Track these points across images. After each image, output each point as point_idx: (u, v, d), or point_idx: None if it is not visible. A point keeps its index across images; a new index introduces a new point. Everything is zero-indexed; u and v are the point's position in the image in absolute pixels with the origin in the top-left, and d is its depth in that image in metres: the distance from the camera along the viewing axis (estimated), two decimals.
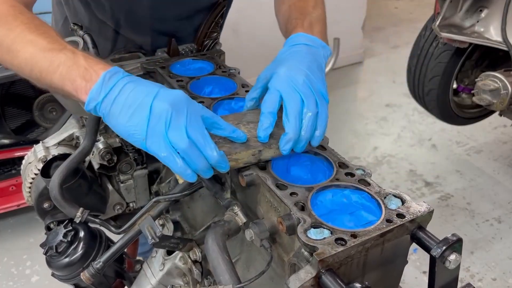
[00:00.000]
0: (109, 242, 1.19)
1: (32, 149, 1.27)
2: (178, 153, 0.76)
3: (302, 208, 0.76)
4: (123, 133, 0.80)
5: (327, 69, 3.93)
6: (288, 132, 0.84)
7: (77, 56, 0.85)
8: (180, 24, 1.35)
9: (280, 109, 0.88)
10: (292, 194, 0.79)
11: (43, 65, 0.86)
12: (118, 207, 1.29)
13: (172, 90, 0.81)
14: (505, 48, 2.24)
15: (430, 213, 0.76)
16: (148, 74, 1.25)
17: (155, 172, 1.33)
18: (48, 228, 1.18)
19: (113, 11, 1.27)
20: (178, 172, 0.78)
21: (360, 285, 0.66)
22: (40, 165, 1.18)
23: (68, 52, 0.86)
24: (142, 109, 0.77)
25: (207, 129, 0.80)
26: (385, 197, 0.78)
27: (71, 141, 1.29)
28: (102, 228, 1.17)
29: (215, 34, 1.42)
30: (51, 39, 0.89)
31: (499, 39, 2.28)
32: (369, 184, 0.82)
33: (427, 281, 0.75)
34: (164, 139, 0.76)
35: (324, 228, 0.72)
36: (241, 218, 0.88)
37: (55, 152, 1.23)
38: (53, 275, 1.15)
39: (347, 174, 0.85)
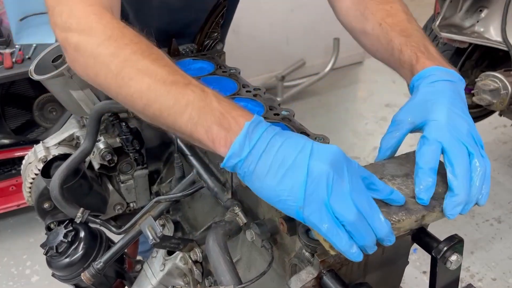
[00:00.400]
0: (110, 243, 1.19)
1: (33, 149, 1.27)
2: (343, 225, 0.62)
3: None
4: (272, 198, 0.65)
5: (327, 69, 3.93)
6: (458, 193, 0.70)
7: (209, 96, 0.70)
8: (185, 26, 1.35)
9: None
10: None
11: (166, 103, 0.70)
12: (119, 207, 1.29)
13: (327, 146, 0.66)
14: (505, 48, 2.24)
15: None
16: None
17: (156, 172, 1.32)
18: (49, 228, 1.18)
19: (123, 7, 1.27)
20: (343, 249, 0.63)
21: (361, 286, 0.66)
22: (41, 165, 1.18)
23: (196, 89, 0.71)
24: (297, 170, 0.63)
25: None
26: None
27: (71, 141, 1.29)
28: (102, 228, 1.17)
29: (215, 34, 1.42)
30: (171, 69, 0.73)
31: (499, 39, 2.28)
32: None
33: (427, 281, 0.75)
34: (326, 208, 0.62)
35: None
36: (242, 219, 0.88)
37: (55, 152, 1.23)
38: (53, 275, 1.15)
39: None
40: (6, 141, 2.46)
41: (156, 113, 0.72)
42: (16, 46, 2.31)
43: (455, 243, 0.70)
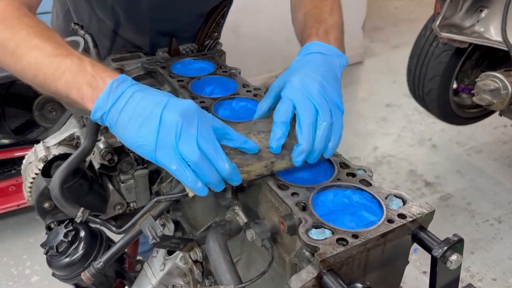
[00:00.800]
0: (110, 242, 1.18)
1: (33, 149, 1.27)
2: (189, 165, 0.74)
3: (304, 208, 0.76)
4: (131, 145, 0.77)
5: None
6: (302, 143, 0.81)
7: (84, 63, 0.82)
8: (180, 26, 1.35)
9: (293, 119, 0.85)
10: (293, 194, 0.79)
11: (48, 71, 0.83)
12: (119, 207, 1.29)
13: (182, 100, 0.78)
14: (505, 48, 2.24)
15: (431, 214, 0.76)
16: (148, 74, 1.25)
17: (156, 172, 1.32)
18: (49, 228, 1.18)
19: (113, 8, 1.27)
20: (189, 185, 0.75)
21: (361, 285, 0.66)
22: (41, 165, 1.18)
23: (75, 58, 0.83)
24: (151, 120, 0.74)
25: (218, 140, 0.77)
26: (386, 198, 0.78)
27: (71, 141, 1.29)
28: (102, 228, 1.16)
29: (215, 34, 1.42)
30: (57, 45, 0.86)
31: (499, 39, 2.28)
32: (370, 184, 0.82)
33: (427, 281, 0.75)
34: (174, 151, 0.73)
35: (325, 228, 0.72)
36: (242, 218, 0.88)
37: (55, 152, 1.23)
38: (53, 275, 1.15)
39: (348, 174, 0.85)
40: (6, 141, 2.46)
41: (41, 81, 0.84)
42: None
43: (455, 243, 0.70)
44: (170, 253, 1.11)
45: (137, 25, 1.31)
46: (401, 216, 0.74)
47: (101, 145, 1.17)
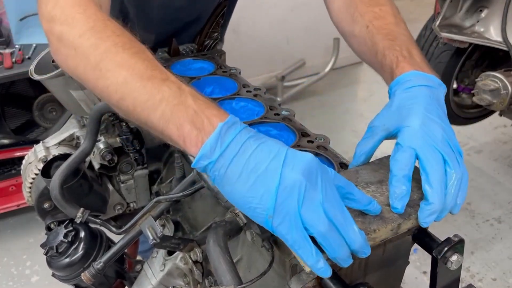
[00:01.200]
0: (110, 243, 1.18)
1: (33, 149, 1.27)
2: (313, 238, 0.61)
3: None
4: (241, 205, 0.63)
5: (327, 69, 3.93)
6: (433, 202, 0.68)
7: (184, 93, 0.68)
8: (186, 26, 1.35)
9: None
10: None
11: (140, 98, 0.69)
12: (119, 207, 1.29)
13: (302, 154, 0.63)
14: (505, 48, 2.24)
15: None
16: None
17: (156, 172, 1.32)
18: (49, 228, 1.18)
19: (123, 3, 1.26)
20: (311, 263, 0.60)
21: (361, 286, 0.66)
22: (41, 165, 1.18)
23: (173, 85, 0.69)
24: (268, 177, 0.60)
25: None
26: None
27: (71, 141, 1.29)
28: (102, 228, 1.16)
29: (215, 34, 1.42)
30: (149, 63, 0.72)
31: (499, 39, 2.28)
32: None
33: (427, 281, 0.75)
34: (296, 219, 0.59)
35: None
36: (242, 219, 0.88)
37: (55, 152, 1.23)
38: (53, 275, 1.15)
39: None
40: (6, 141, 2.46)
41: (129, 108, 0.71)
42: (16, 46, 2.31)
43: (456, 243, 0.70)
44: (170, 253, 1.11)
45: (144, 23, 1.30)
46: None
47: (101, 145, 1.17)
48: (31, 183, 1.21)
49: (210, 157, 0.63)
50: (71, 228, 1.11)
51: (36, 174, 1.19)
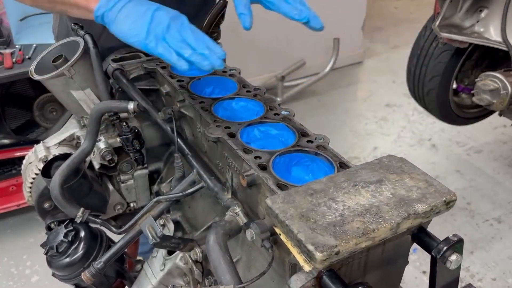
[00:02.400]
0: (110, 242, 1.19)
1: (33, 149, 1.27)
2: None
3: None
4: (127, 36, 0.94)
5: (327, 69, 3.93)
6: (302, 11, 1.04)
7: None
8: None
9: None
10: None
11: None
12: (119, 207, 1.29)
13: (171, 9, 0.97)
14: (505, 48, 2.24)
15: None
16: (148, 74, 1.25)
17: (156, 172, 1.33)
18: (49, 228, 1.18)
19: None
20: (173, 60, 0.92)
21: (361, 286, 0.66)
22: (41, 165, 1.18)
23: None
24: (146, 15, 0.93)
25: None
26: None
27: (71, 141, 1.29)
28: (102, 228, 1.17)
29: (215, 34, 1.42)
30: None
31: (499, 39, 2.28)
32: None
33: (426, 281, 0.75)
34: (162, 40, 0.92)
35: None
36: (242, 218, 0.88)
37: (55, 152, 1.23)
38: (53, 275, 1.15)
39: None
40: (6, 141, 2.47)
41: None
42: (16, 46, 2.32)
43: (455, 242, 0.70)
44: (170, 253, 1.11)
45: None
46: None
47: (101, 145, 1.17)
48: (31, 183, 1.21)
49: (106, 6, 0.96)
50: (71, 227, 1.11)
51: (36, 174, 1.19)
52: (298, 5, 1.05)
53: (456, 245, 0.70)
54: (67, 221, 1.13)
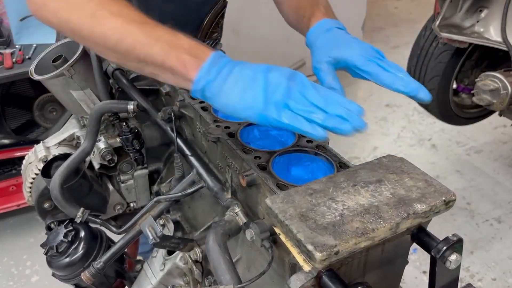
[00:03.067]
0: (110, 242, 1.19)
1: (33, 149, 1.27)
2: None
3: None
4: (236, 109, 0.76)
5: None
6: (409, 87, 0.86)
7: (177, 33, 0.81)
8: (185, 12, 1.35)
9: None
10: None
11: (139, 37, 0.79)
12: (119, 207, 1.29)
13: (283, 67, 0.80)
14: (505, 48, 2.24)
15: None
16: None
17: (156, 172, 1.33)
18: (49, 228, 1.18)
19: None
20: (308, 129, 0.73)
21: (360, 285, 0.66)
22: (41, 165, 1.18)
23: (166, 28, 0.81)
24: (257, 81, 0.76)
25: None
26: None
27: (71, 141, 1.29)
28: (102, 228, 1.17)
29: (215, 34, 1.42)
30: (141, 13, 0.83)
31: (499, 39, 2.28)
32: None
33: (426, 281, 0.75)
34: (284, 106, 0.74)
35: None
36: (241, 218, 0.88)
37: (55, 152, 1.23)
38: (53, 275, 1.15)
39: None
40: (6, 141, 2.47)
41: (128, 48, 0.80)
42: (16, 46, 2.32)
43: (455, 242, 0.70)
44: (170, 253, 1.11)
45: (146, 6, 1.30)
46: None
47: (101, 145, 1.17)
48: (31, 183, 1.21)
49: (207, 77, 0.77)
50: (71, 227, 1.11)
51: (36, 174, 1.19)
52: (400, 73, 0.88)
53: (456, 245, 0.70)
54: (67, 221, 1.13)
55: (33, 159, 1.24)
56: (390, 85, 0.87)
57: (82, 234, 1.12)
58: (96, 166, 1.20)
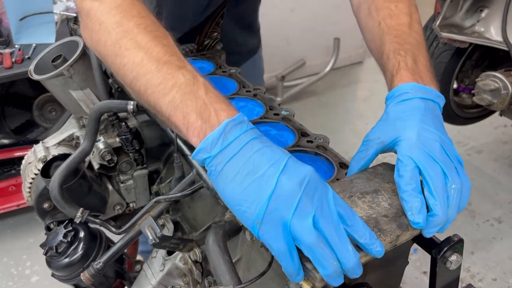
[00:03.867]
0: (109, 243, 1.18)
1: (32, 149, 1.27)
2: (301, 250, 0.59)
3: None
4: (232, 205, 0.63)
5: (327, 69, 3.93)
6: (438, 214, 0.67)
7: (198, 83, 0.69)
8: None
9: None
10: None
11: (153, 81, 0.70)
12: (118, 207, 1.29)
13: (303, 165, 0.62)
14: (505, 48, 2.24)
15: None
16: None
17: (155, 172, 1.32)
18: (48, 229, 1.17)
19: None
20: (292, 275, 0.60)
21: (361, 286, 0.66)
22: (40, 165, 1.17)
23: (188, 74, 0.69)
24: (264, 183, 0.59)
25: None
26: None
27: (71, 141, 1.29)
28: (102, 228, 1.16)
29: (215, 34, 1.42)
30: (169, 49, 0.73)
31: (499, 39, 2.28)
32: None
33: (427, 281, 0.75)
34: (284, 229, 0.58)
35: None
36: None
37: (55, 152, 1.23)
38: (53, 275, 1.15)
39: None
40: (6, 141, 2.47)
41: (141, 89, 0.72)
42: (16, 46, 2.31)
43: (455, 243, 0.70)
44: (169, 253, 1.11)
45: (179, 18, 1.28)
46: None
47: (100, 145, 1.17)
48: (30, 183, 1.21)
49: (210, 152, 0.63)
50: (70, 228, 1.11)
51: (35, 174, 1.19)
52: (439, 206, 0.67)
53: (457, 245, 0.70)
54: (67, 221, 1.12)
55: (32, 159, 1.23)
56: (406, 203, 0.67)
57: (81, 234, 1.11)
58: (96, 166, 1.20)
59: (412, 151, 0.69)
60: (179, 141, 1.10)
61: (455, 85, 2.77)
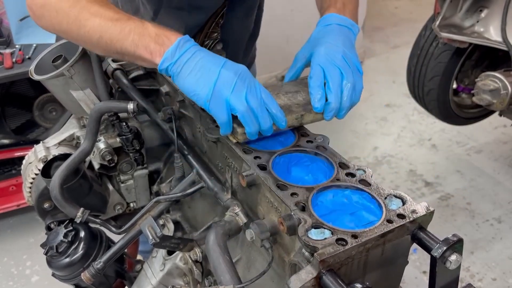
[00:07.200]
0: (110, 242, 1.19)
1: (33, 149, 1.27)
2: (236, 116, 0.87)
3: (303, 209, 0.76)
4: (189, 92, 0.88)
5: None
6: (332, 101, 0.95)
7: (145, 24, 0.92)
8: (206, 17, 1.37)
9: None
10: (292, 194, 0.79)
11: (113, 33, 0.92)
12: (119, 207, 1.29)
13: (237, 64, 0.90)
14: (505, 48, 2.24)
15: (430, 214, 0.76)
16: (148, 74, 1.25)
17: (156, 172, 1.33)
18: (49, 228, 1.18)
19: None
20: (223, 129, 0.89)
21: (361, 286, 0.66)
22: (41, 165, 1.18)
23: (136, 20, 0.93)
24: (211, 74, 0.87)
25: None
26: (385, 198, 0.79)
27: (71, 141, 1.29)
28: (102, 228, 1.17)
29: (215, 34, 1.42)
30: (115, 10, 0.96)
31: (499, 39, 2.28)
32: (369, 184, 0.82)
33: (427, 281, 0.75)
34: (225, 102, 0.86)
35: (325, 228, 0.72)
36: (241, 218, 0.88)
37: (55, 152, 1.23)
38: (53, 275, 1.15)
39: (347, 174, 0.85)
40: (6, 141, 2.47)
41: (107, 42, 0.93)
42: (16, 46, 2.32)
43: (455, 242, 0.70)
44: (170, 253, 1.11)
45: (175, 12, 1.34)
46: (401, 216, 0.74)
47: (101, 145, 1.17)
48: (31, 183, 1.21)
49: (171, 60, 0.89)
50: (71, 228, 1.11)
51: (36, 174, 1.19)
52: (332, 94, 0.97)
53: (456, 245, 0.71)
54: (67, 221, 1.13)
55: (33, 159, 1.24)
56: (311, 95, 0.96)
57: (82, 234, 1.12)
58: (96, 166, 1.20)
59: (319, 59, 0.99)
60: (179, 141, 1.10)
61: (454, 85, 2.77)
